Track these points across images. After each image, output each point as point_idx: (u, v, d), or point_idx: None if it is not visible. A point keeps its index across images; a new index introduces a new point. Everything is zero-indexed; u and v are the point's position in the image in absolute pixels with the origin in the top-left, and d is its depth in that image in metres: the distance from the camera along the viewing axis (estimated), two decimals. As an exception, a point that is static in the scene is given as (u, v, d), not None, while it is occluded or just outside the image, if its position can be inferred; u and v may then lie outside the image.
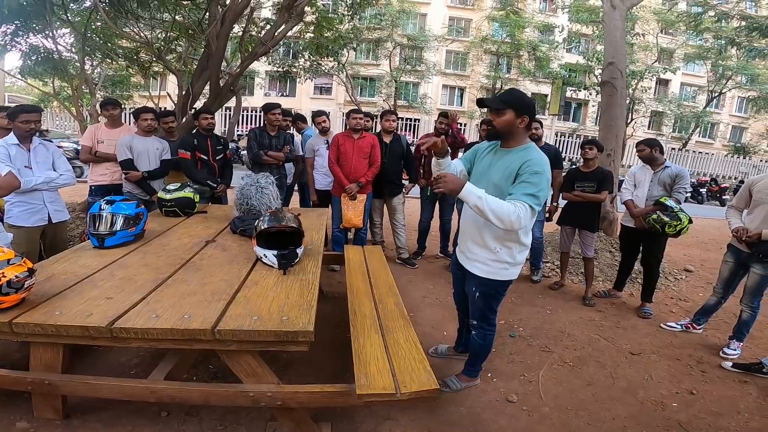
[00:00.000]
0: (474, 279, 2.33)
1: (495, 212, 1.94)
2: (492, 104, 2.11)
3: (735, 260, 3.32)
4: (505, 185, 2.09)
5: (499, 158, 2.18)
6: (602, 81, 6.04)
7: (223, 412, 2.21)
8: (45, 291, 1.94)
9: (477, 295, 2.36)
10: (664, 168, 3.84)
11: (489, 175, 2.18)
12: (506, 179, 2.09)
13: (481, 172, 2.27)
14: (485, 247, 2.24)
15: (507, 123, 2.09)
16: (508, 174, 2.08)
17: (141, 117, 3.94)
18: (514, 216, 1.93)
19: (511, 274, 2.27)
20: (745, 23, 9.96)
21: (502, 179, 2.11)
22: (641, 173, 3.99)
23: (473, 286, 2.36)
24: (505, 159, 2.14)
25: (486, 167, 2.23)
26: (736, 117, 29.38)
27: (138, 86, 16.67)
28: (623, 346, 3.34)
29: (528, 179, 2.00)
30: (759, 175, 3.29)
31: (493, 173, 2.16)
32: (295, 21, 5.38)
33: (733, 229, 3.23)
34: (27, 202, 2.91)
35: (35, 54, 5.86)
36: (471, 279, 2.36)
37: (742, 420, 2.52)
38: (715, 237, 8.44)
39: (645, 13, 20.44)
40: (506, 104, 2.08)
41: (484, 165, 2.26)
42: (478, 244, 2.27)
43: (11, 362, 2.46)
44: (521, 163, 2.04)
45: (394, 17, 21.44)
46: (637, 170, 4.05)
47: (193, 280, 2.17)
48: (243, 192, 3.15)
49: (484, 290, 2.33)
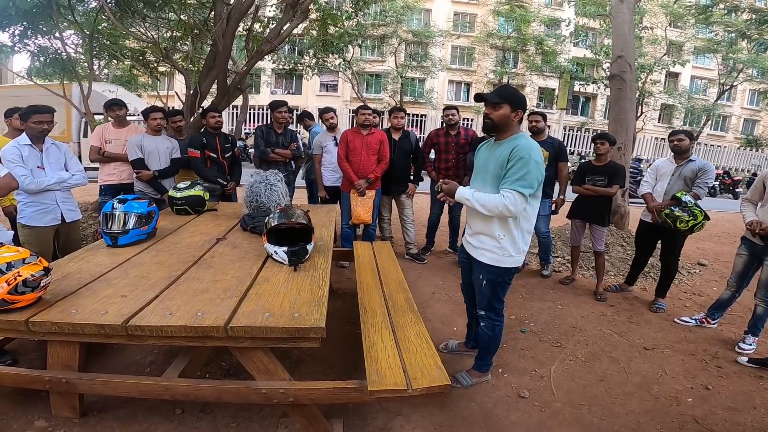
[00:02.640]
0: (481, 267, 2.40)
1: (484, 206, 2.18)
2: (490, 98, 2.25)
3: (749, 253, 3.28)
4: (499, 173, 2.23)
5: (493, 151, 2.32)
6: (611, 74, 5.97)
7: (236, 410, 2.22)
8: (60, 290, 1.96)
9: (484, 284, 2.42)
10: (688, 162, 3.73)
11: (487, 168, 2.32)
12: (500, 168, 2.21)
13: (479, 166, 2.42)
14: (490, 235, 2.33)
15: (504, 116, 2.24)
16: (500, 163, 2.21)
17: (150, 116, 3.96)
18: (501, 205, 2.14)
19: (516, 262, 2.36)
20: (755, 16, 9.80)
21: (497, 169, 2.23)
22: (665, 166, 3.89)
23: (480, 273, 2.43)
24: (498, 150, 2.27)
25: (484, 161, 2.37)
26: (748, 110, 28.96)
27: (146, 86, 16.79)
28: (636, 341, 3.31)
29: (514, 165, 2.14)
30: None
31: (490, 165, 2.29)
32: (300, 18, 5.37)
33: (747, 222, 3.20)
34: (40, 202, 2.94)
35: (44, 55, 5.92)
36: (478, 267, 2.43)
37: (759, 415, 2.50)
38: (728, 230, 8.34)
39: (653, 6, 20.18)
40: (503, 99, 2.23)
41: (482, 159, 2.41)
42: (483, 232, 2.36)
43: (29, 361, 2.50)
44: (510, 150, 2.17)
45: (399, 13, 21.34)
46: (661, 163, 3.96)
47: (205, 278, 2.18)
48: (252, 189, 3.16)
49: (491, 278, 2.40)
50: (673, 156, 3.83)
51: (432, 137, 4.84)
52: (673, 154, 3.83)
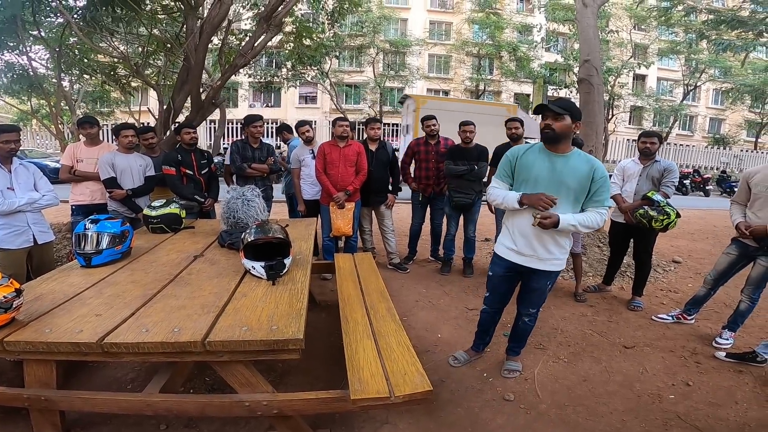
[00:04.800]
0: (549, 275, 2.56)
1: (587, 227, 2.39)
2: (554, 110, 2.32)
3: (739, 253, 3.28)
4: (580, 190, 2.36)
5: (564, 163, 2.37)
6: (579, 79, 6.14)
7: (222, 423, 2.20)
8: (34, 310, 1.93)
9: (549, 288, 2.64)
10: (653, 162, 3.84)
11: (564, 182, 2.36)
12: (581, 184, 2.35)
13: (547, 178, 2.38)
14: (559, 245, 2.49)
15: (565, 127, 2.31)
16: (580, 179, 2.35)
17: (121, 134, 3.87)
18: (601, 222, 2.40)
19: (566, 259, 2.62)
20: (712, 17, 10.19)
21: (577, 184, 2.35)
22: (631, 167, 3.97)
23: (547, 281, 2.59)
24: (571, 164, 2.36)
25: (550, 173, 2.38)
26: (713, 109, 30.06)
27: (119, 102, 16.52)
28: (617, 340, 3.37)
29: (602, 186, 2.36)
30: (755, 167, 3.26)
31: (568, 179, 2.35)
32: (274, 32, 5.37)
33: (735, 225, 3.21)
34: (11, 224, 2.86)
35: (10, 71, 5.78)
36: (544, 276, 2.55)
37: (741, 410, 2.54)
38: (701, 227, 8.60)
39: (617, 9, 20.89)
40: (565, 110, 2.31)
41: (543, 170, 2.39)
42: (554, 244, 2.47)
43: (8, 380, 2.46)
44: (591, 169, 2.34)
45: (375, 23, 21.56)
46: (628, 164, 4.03)
47: (182, 295, 2.15)
48: (229, 205, 3.13)
49: (554, 281, 2.65)
50: (639, 157, 3.93)
51: (412, 147, 4.87)
52: (639, 154, 3.93)
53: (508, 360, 2.91)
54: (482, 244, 5.97)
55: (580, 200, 2.39)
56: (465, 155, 4.40)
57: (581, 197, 2.38)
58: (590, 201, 2.38)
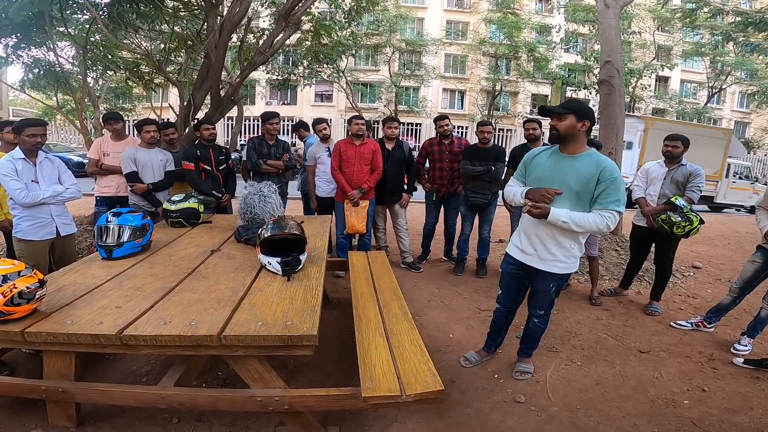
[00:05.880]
0: (551, 277, 2.54)
1: (582, 226, 2.29)
2: (554, 110, 2.34)
3: (764, 261, 3.21)
4: (584, 191, 2.32)
5: (569, 164, 2.36)
6: (600, 80, 6.04)
7: (233, 418, 2.22)
8: (56, 301, 1.98)
9: (553, 290, 2.61)
10: (679, 166, 3.73)
11: (565, 182, 2.35)
12: (584, 185, 2.31)
13: (549, 177, 2.42)
14: (561, 246, 2.46)
15: (569, 126, 2.31)
16: (584, 181, 2.31)
17: (144, 129, 3.97)
18: (602, 225, 2.28)
19: (576, 265, 2.57)
20: (739, 18, 9.93)
21: (580, 185, 2.32)
22: (655, 170, 3.87)
23: (550, 283, 2.57)
24: (577, 165, 2.34)
25: (553, 173, 2.41)
26: (738, 112, 29.27)
27: (141, 98, 16.83)
28: (632, 345, 3.33)
29: (609, 187, 2.27)
30: None
31: (569, 180, 2.34)
32: (292, 30, 5.42)
33: (764, 233, 3.14)
34: (35, 216, 2.94)
35: (37, 67, 5.93)
36: (546, 278, 2.55)
37: (756, 416, 2.50)
38: (722, 232, 8.41)
39: (640, 10, 20.49)
40: (567, 110, 2.32)
41: (549, 170, 2.43)
42: (555, 245, 2.46)
43: (26, 371, 2.51)
44: (597, 170, 2.28)
45: (392, 22, 21.55)
46: (652, 167, 3.93)
47: (199, 289, 2.20)
48: (246, 201, 3.18)
49: (559, 284, 2.62)
50: (664, 160, 3.84)
51: (426, 147, 4.88)
52: (664, 158, 3.84)
53: (520, 362, 2.90)
54: (496, 245, 5.93)
55: (584, 201, 2.35)
56: (482, 155, 4.39)
57: (585, 198, 2.34)
58: (595, 203, 2.34)
